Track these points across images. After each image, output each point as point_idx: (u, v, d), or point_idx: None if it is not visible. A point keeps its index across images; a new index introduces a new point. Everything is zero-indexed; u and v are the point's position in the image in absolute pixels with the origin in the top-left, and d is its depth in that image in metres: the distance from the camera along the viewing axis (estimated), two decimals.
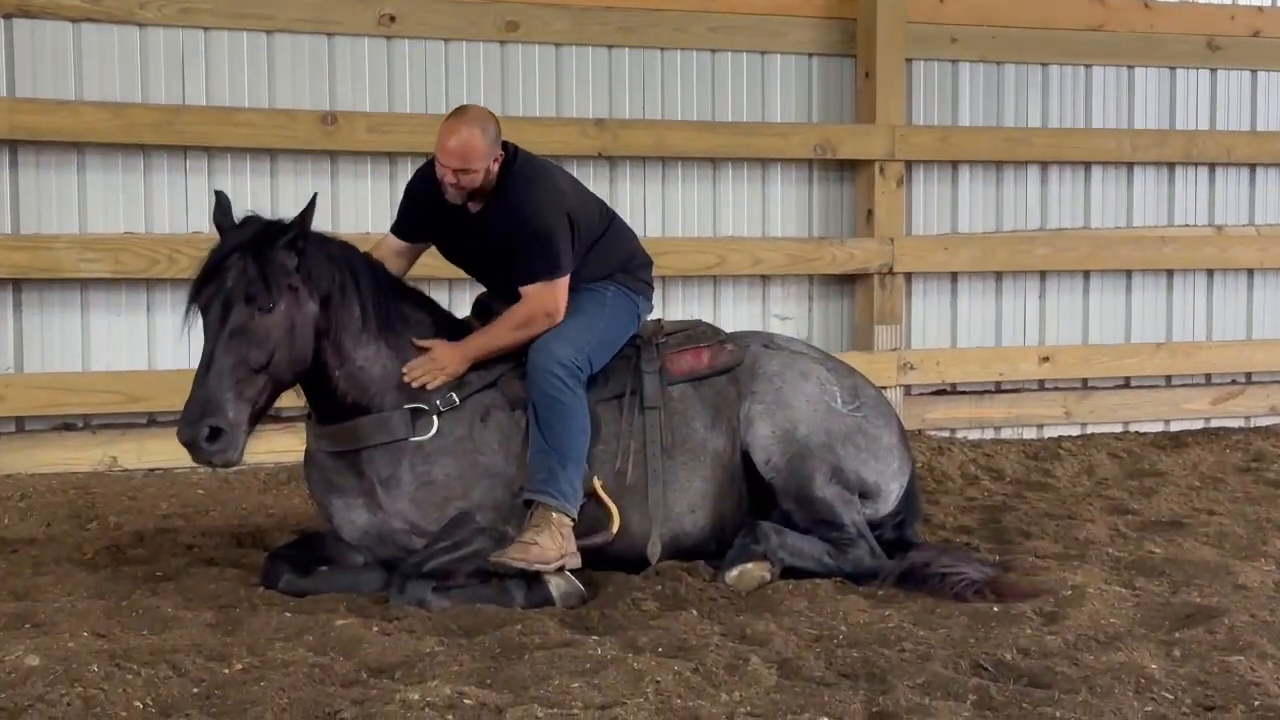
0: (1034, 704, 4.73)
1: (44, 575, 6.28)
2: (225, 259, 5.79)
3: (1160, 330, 10.49)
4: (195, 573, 6.31)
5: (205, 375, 5.68)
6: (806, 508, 6.39)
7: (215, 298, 5.76)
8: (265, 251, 5.80)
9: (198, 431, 5.62)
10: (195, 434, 5.62)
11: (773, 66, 9.53)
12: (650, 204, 9.25)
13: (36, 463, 7.84)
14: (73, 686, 4.65)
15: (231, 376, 5.70)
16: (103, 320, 8.09)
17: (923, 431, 9.54)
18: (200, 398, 5.66)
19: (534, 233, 6.17)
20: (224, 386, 5.68)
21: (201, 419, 5.63)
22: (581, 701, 4.65)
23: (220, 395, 5.67)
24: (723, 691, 4.85)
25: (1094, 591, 6.02)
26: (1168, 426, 10.37)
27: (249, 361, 5.73)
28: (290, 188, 8.29)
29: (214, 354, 5.70)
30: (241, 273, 5.75)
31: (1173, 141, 10.33)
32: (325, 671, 4.96)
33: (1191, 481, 8.76)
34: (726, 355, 6.58)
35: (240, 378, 5.72)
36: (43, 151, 7.94)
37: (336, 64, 8.53)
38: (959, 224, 9.97)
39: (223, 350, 5.70)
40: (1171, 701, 4.83)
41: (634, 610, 5.79)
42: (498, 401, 6.23)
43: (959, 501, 8.15)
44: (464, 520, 6.05)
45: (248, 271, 5.75)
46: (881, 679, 5.00)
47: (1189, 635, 5.50)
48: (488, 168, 6.12)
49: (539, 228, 6.17)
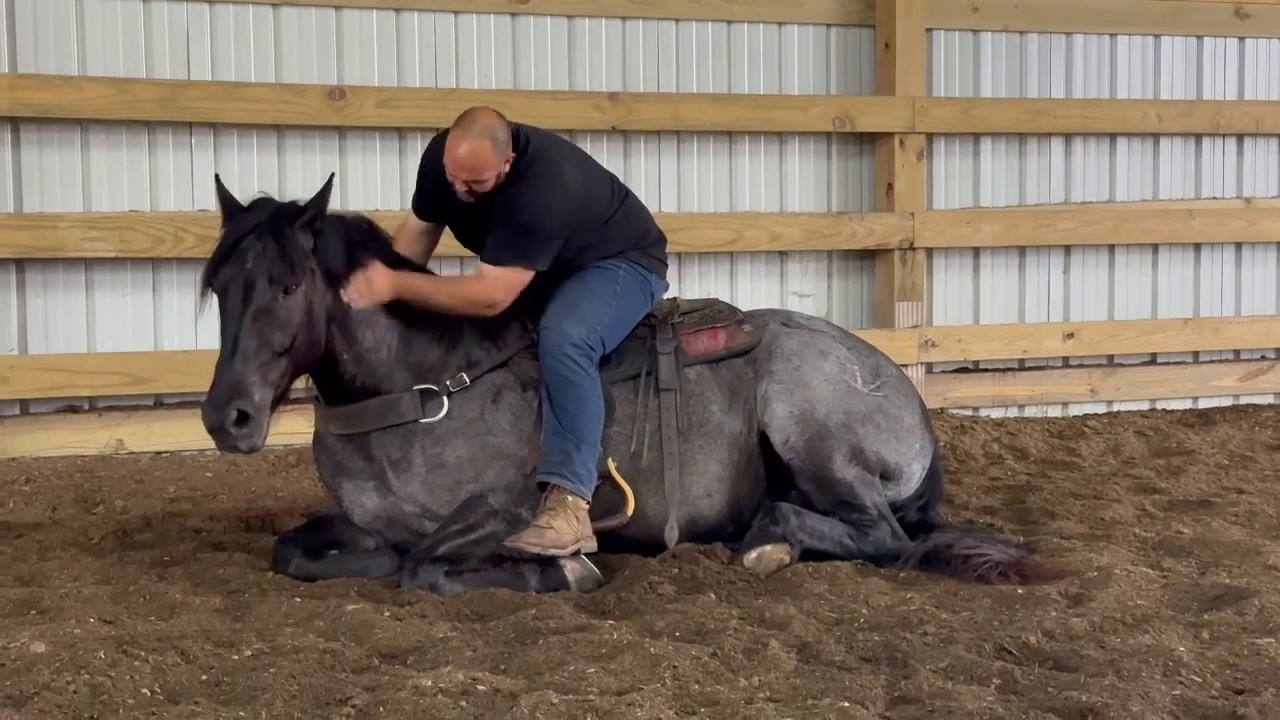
0: (1059, 688, 4.73)
1: (49, 560, 6.30)
2: (242, 239, 5.78)
3: (1187, 305, 10.47)
4: (203, 557, 6.33)
5: (230, 358, 5.65)
6: (826, 489, 6.40)
7: (235, 279, 5.73)
8: (285, 232, 5.79)
9: (225, 416, 5.59)
10: (223, 418, 5.59)
11: (790, 38, 9.51)
12: (665, 179, 9.23)
13: (41, 446, 7.85)
14: (79, 674, 4.66)
15: (256, 359, 5.68)
16: (108, 300, 8.10)
17: (945, 410, 9.53)
18: (227, 381, 5.63)
19: (522, 224, 6.16)
20: (250, 370, 5.66)
21: (229, 403, 5.60)
22: (597, 687, 4.65)
23: (247, 378, 5.65)
24: (741, 676, 4.85)
25: (1120, 573, 6.01)
26: (1195, 404, 10.36)
27: (273, 344, 5.72)
28: (298, 164, 8.30)
29: (238, 336, 5.67)
30: (262, 253, 5.74)
31: (1200, 112, 10.30)
32: (336, 658, 4.97)
33: (1220, 460, 8.75)
34: (744, 336, 6.58)
35: (265, 361, 5.70)
36: (45, 128, 7.95)
37: (344, 37, 8.53)
38: (981, 198, 9.95)
39: (247, 332, 5.68)
40: (1200, 685, 4.82)
41: (650, 594, 5.80)
42: (509, 382, 6.23)
43: (982, 481, 8.15)
44: (476, 503, 6.06)
45: (269, 252, 5.74)
46: (903, 663, 5.00)
47: (1218, 617, 5.49)
48: (499, 173, 6.11)
49: (528, 222, 6.16)
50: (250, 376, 5.65)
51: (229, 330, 5.72)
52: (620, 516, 6.19)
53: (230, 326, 5.72)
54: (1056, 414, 9.99)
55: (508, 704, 4.49)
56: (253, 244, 5.76)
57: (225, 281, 5.76)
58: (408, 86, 8.60)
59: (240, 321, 5.70)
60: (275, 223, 5.81)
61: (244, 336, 5.68)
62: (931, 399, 9.22)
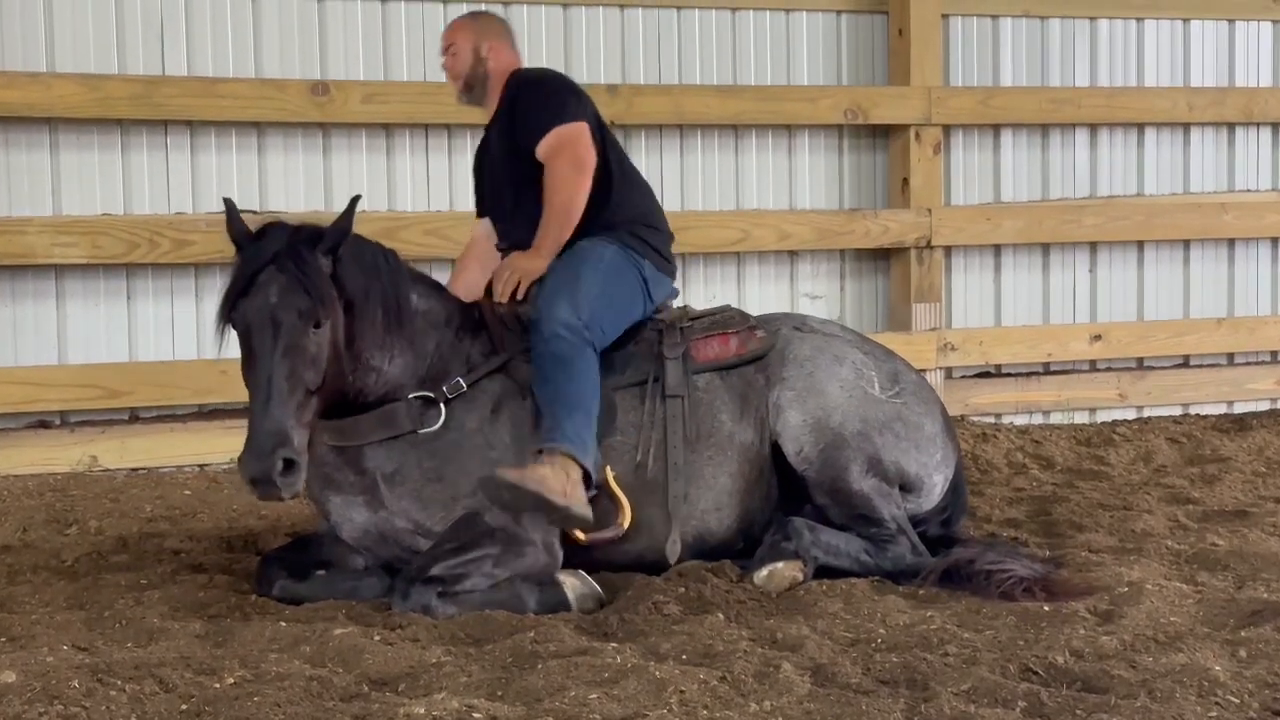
0: (1088, 710, 4.74)
1: (20, 584, 6.30)
2: (260, 270, 5.72)
3: (1221, 305, 10.49)
4: (183, 580, 6.33)
5: (266, 402, 5.60)
6: (842, 502, 6.40)
7: (260, 315, 5.68)
8: (309, 261, 5.74)
9: (272, 466, 5.52)
10: (270, 468, 5.53)
11: (798, 25, 9.54)
12: (668, 175, 9.25)
13: (11, 463, 7.87)
14: (52, 704, 4.67)
15: (292, 401, 5.63)
16: (79, 309, 8.12)
17: (965, 417, 9.54)
18: (269, 429, 5.57)
19: (535, 88, 6.60)
20: (287, 414, 5.61)
21: (274, 452, 5.53)
22: (600, 714, 4.66)
23: (286, 424, 5.60)
24: (752, 701, 4.85)
25: (1152, 588, 6.01)
26: (1230, 408, 10.37)
27: (306, 383, 5.68)
28: (279, 163, 8.32)
29: (271, 378, 5.62)
30: (286, 286, 5.69)
31: (1233, 100, 10.32)
32: (323, 685, 4.97)
33: (1257, 467, 8.76)
34: (756, 342, 6.58)
35: (300, 401, 5.65)
36: (12, 128, 7.97)
37: (327, 29, 8.55)
38: (1002, 193, 9.98)
39: (280, 373, 5.62)
40: (1238, 706, 4.82)
41: (656, 615, 5.80)
42: (509, 390, 6.23)
43: (1006, 492, 8.15)
44: (473, 521, 6.04)
45: (293, 284, 5.70)
46: (924, 685, 5.00)
47: (1256, 634, 5.49)
48: (475, 50, 6.62)
49: (539, 80, 6.69)
50: (288, 421, 5.61)
51: (260, 371, 5.64)
52: (615, 528, 6.19)
53: (262, 367, 5.64)
54: (1084, 420, 10.01)
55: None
56: (274, 276, 5.70)
57: (249, 317, 5.69)
58: (395, 80, 8.62)
59: (271, 361, 5.64)
60: (297, 251, 5.75)
61: (277, 378, 5.62)
62: (951, 405, 9.22)
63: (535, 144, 6.39)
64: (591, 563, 6.18)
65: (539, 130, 6.41)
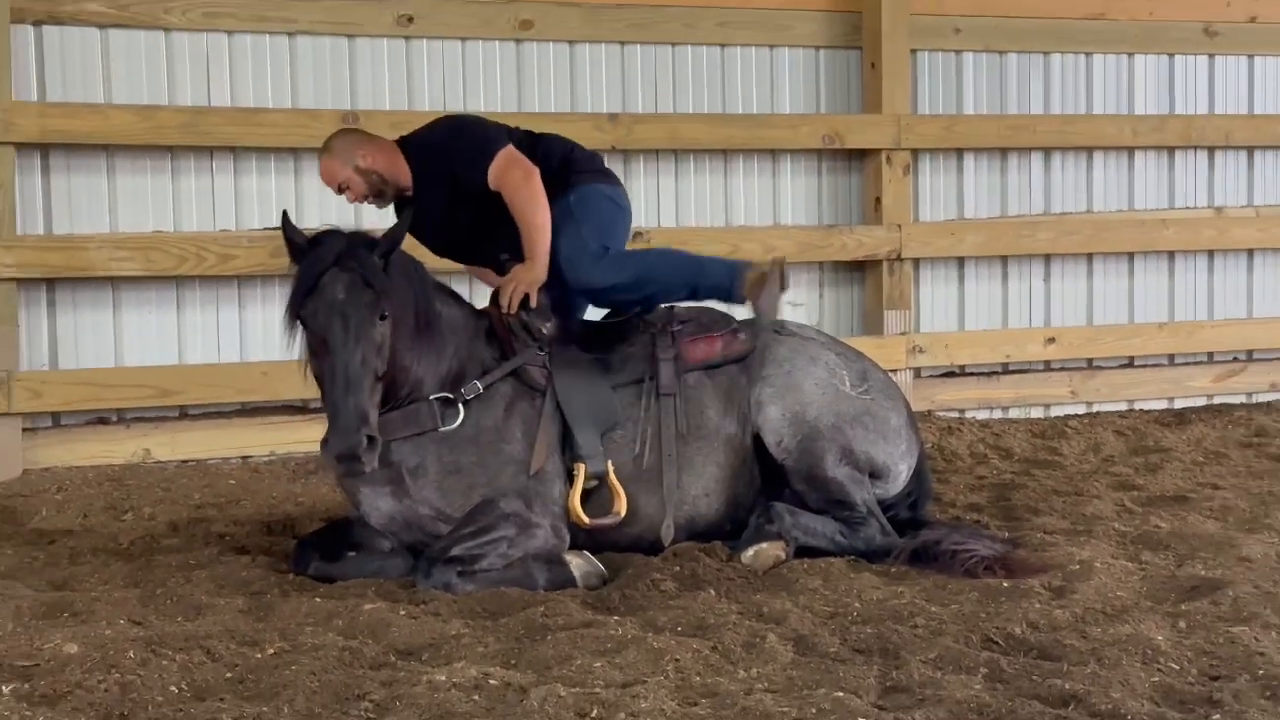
0: (1043, 676, 4.73)
1: (81, 565, 6.31)
2: (325, 271, 5.76)
3: (1163, 310, 10.47)
4: (227, 560, 6.33)
5: (346, 388, 5.65)
6: (818, 488, 6.40)
7: (332, 310, 5.72)
8: (369, 261, 5.79)
9: (358, 443, 5.59)
10: (356, 445, 5.59)
11: (781, 60, 9.52)
12: (664, 196, 9.24)
13: (73, 456, 7.86)
14: (110, 673, 4.67)
15: (366, 385, 5.69)
16: (134, 317, 8.11)
17: (932, 413, 9.53)
18: (353, 409, 5.63)
19: (454, 140, 6.55)
20: (364, 396, 5.68)
21: (359, 429, 5.60)
22: (603, 680, 4.66)
23: (366, 405, 5.67)
24: (740, 668, 4.85)
25: (1101, 566, 6.01)
26: (1171, 404, 10.35)
27: (375, 369, 5.74)
28: (314, 186, 8.28)
29: (348, 366, 5.67)
30: (351, 284, 5.74)
31: (1172, 126, 10.31)
32: (354, 654, 4.97)
33: (1195, 457, 8.75)
34: (739, 343, 6.58)
35: (370, 386, 5.72)
36: (73, 154, 7.96)
37: (357, 64, 8.54)
38: (965, 210, 9.96)
39: (355, 361, 5.68)
40: (1178, 672, 4.82)
41: (653, 591, 5.80)
42: (520, 391, 6.24)
43: (969, 480, 8.15)
44: (488, 507, 6.05)
45: (358, 281, 5.75)
46: (895, 654, 5.00)
47: (1194, 607, 5.49)
48: (357, 170, 6.51)
49: (451, 134, 6.61)
50: (366, 403, 5.68)
51: (337, 360, 5.69)
52: (614, 516, 6.19)
53: (337, 356, 5.69)
54: (1039, 415, 9.99)
55: (518, 697, 4.50)
56: (339, 275, 5.75)
57: (319, 313, 5.74)
58: (418, 110, 8.59)
59: (346, 350, 5.69)
60: (357, 253, 5.80)
61: (352, 365, 5.68)
62: (919, 402, 9.22)
63: (483, 178, 6.40)
64: (595, 544, 6.19)
65: (481, 167, 6.42)
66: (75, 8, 7.94)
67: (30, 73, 7.88)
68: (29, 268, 7.74)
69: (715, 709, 4.42)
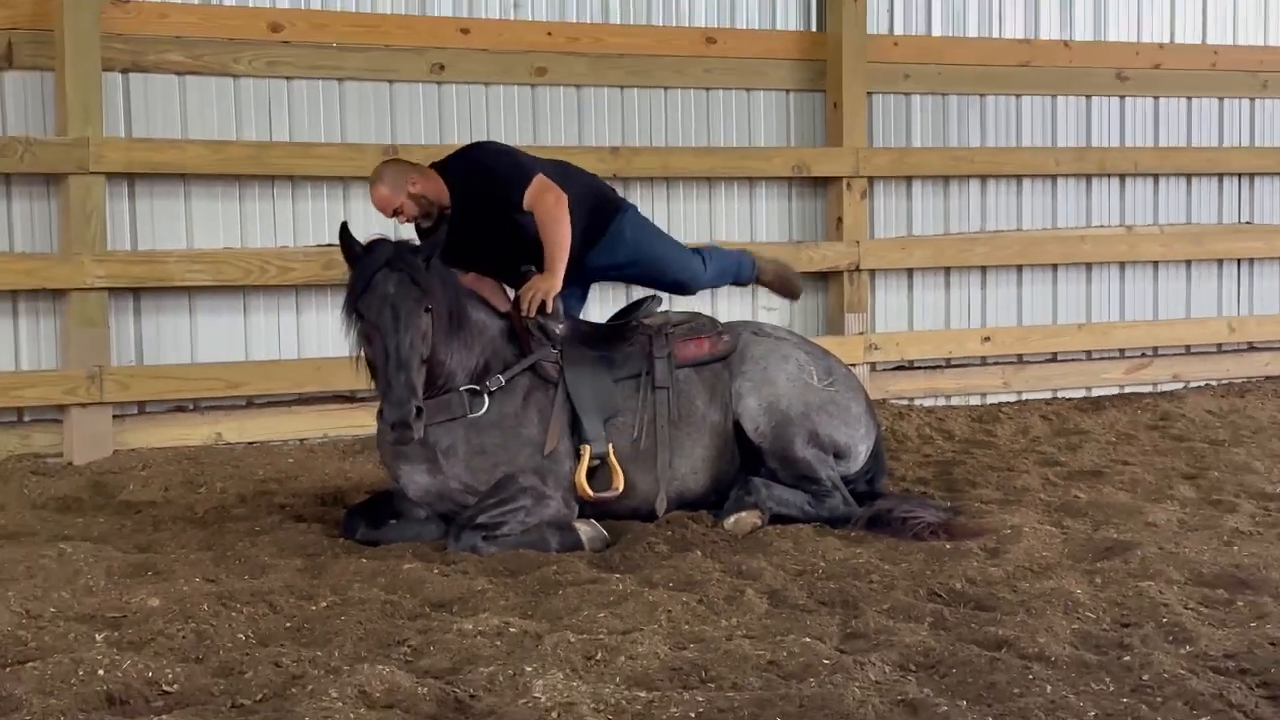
0: (980, 624, 4.74)
1: (162, 531, 6.31)
2: (378, 272, 5.79)
3: (1082, 313, 10.45)
4: (287, 527, 6.33)
5: (398, 367, 5.68)
6: (789, 466, 6.40)
7: (385, 303, 5.74)
8: (416, 263, 5.82)
9: (409, 412, 5.62)
10: (408, 414, 5.62)
11: (757, 101, 9.50)
12: (657, 217, 9.07)
13: (156, 439, 7.85)
14: (187, 623, 4.68)
15: (414, 365, 5.72)
16: (207, 321, 8.09)
17: (886, 401, 9.52)
18: (404, 384, 5.66)
19: (495, 166, 6.49)
20: (413, 374, 5.71)
21: (410, 401, 5.64)
22: (606, 628, 4.67)
23: (415, 381, 5.71)
24: (723, 618, 4.86)
25: (1029, 530, 6.02)
26: (1089, 393, 10.35)
27: (421, 353, 5.77)
28: (360, 210, 8.22)
29: (399, 348, 5.70)
30: (401, 281, 5.77)
31: (1090, 157, 10.30)
32: (395, 607, 4.98)
33: (1109, 438, 8.76)
34: (722, 344, 6.57)
35: (416, 368, 5.75)
36: (155, 182, 7.94)
37: (396, 105, 8.52)
38: (913, 228, 9.95)
39: (405, 345, 5.71)
40: (1094, 620, 4.84)
41: (649, 552, 5.81)
42: (537, 383, 6.24)
43: (917, 458, 8.15)
44: (509, 481, 6.05)
45: (406, 279, 5.78)
46: (854, 605, 5.01)
47: (1108, 565, 5.50)
48: (410, 196, 6.41)
49: (493, 159, 6.56)
50: (415, 380, 5.71)
51: (390, 345, 5.71)
52: (613, 490, 6.19)
53: (390, 342, 5.72)
54: (976, 403, 9.98)
55: (534, 642, 4.51)
56: (389, 275, 5.78)
57: (374, 306, 5.76)
58: (449, 144, 8.55)
59: (397, 337, 5.71)
60: (406, 257, 5.84)
61: (403, 348, 5.71)
62: (875, 392, 9.20)
63: (520, 199, 6.36)
64: (599, 514, 6.19)
65: (518, 190, 6.37)
66: (157, 58, 7.91)
67: (119, 113, 7.86)
68: (118, 279, 7.72)
69: (701, 652, 4.43)
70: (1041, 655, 4.39)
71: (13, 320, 7.65)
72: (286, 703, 3.93)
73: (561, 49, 8.86)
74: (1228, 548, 5.82)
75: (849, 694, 3.97)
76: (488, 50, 8.67)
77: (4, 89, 7.61)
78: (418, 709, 3.95)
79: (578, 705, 3.92)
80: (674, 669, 4.28)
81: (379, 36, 8.42)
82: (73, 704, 3.93)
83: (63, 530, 6.23)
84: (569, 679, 4.12)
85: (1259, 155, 10.83)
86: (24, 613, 4.80)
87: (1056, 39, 10.30)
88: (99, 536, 6.15)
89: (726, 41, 9.32)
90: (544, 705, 3.92)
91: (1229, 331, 10.73)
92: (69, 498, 6.89)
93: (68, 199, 7.58)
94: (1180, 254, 10.62)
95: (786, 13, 9.58)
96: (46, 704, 3.90)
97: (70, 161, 7.53)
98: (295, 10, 8.24)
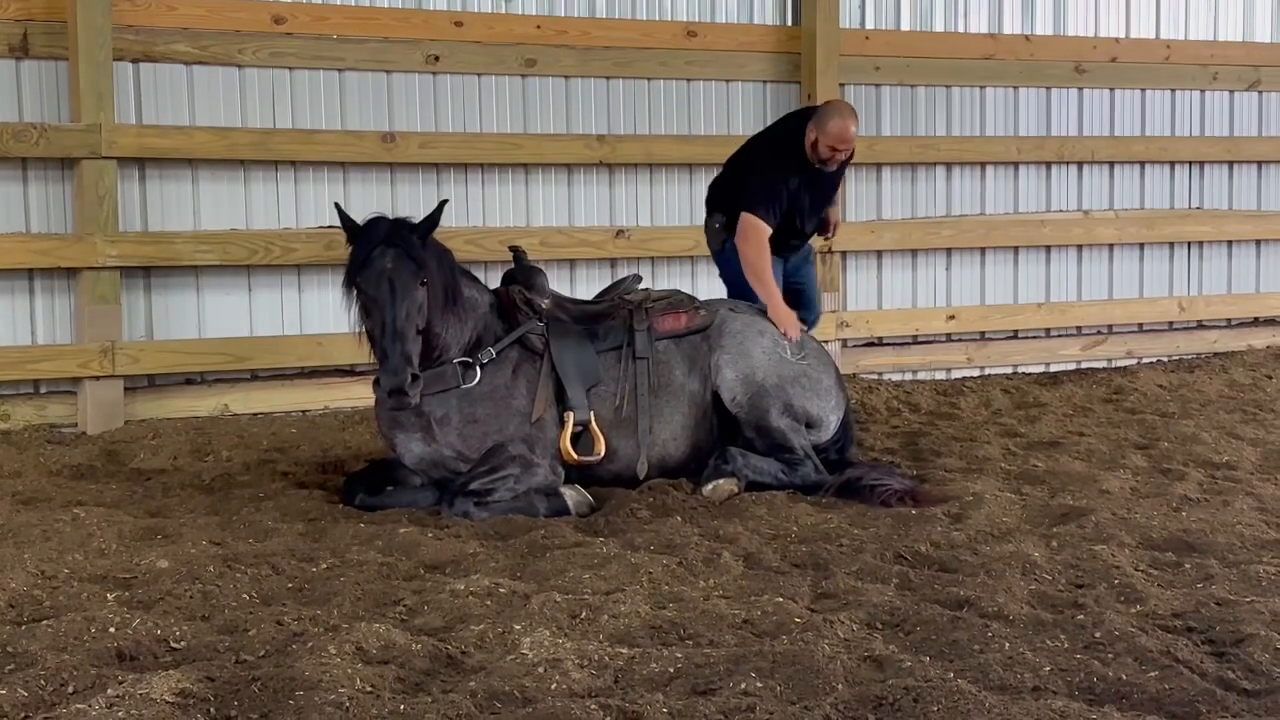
0: (943, 585, 4.75)
1: (171, 497, 6.29)
2: (375, 247, 5.76)
3: (1041, 293, 10.46)
4: (290, 493, 6.32)
5: (395, 337, 5.66)
6: (764, 435, 6.40)
7: (383, 277, 5.72)
8: (412, 239, 5.80)
9: (404, 379, 5.60)
10: (404, 381, 5.60)
11: (736, 92, 9.48)
12: (641, 202, 9.20)
13: (166, 410, 7.83)
14: (194, 583, 4.67)
15: (410, 335, 5.70)
16: (214, 298, 8.06)
17: (856, 375, 9.53)
18: (400, 352, 5.64)
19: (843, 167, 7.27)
20: (409, 344, 5.69)
21: (405, 369, 5.62)
22: (591, 589, 4.67)
23: (411, 351, 5.69)
24: (701, 579, 4.86)
25: (990, 497, 6.03)
26: (1048, 368, 10.37)
27: (417, 324, 5.76)
28: (358, 193, 8.25)
29: (395, 320, 5.68)
30: (398, 256, 5.74)
31: (1049, 146, 10.30)
32: (391, 569, 4.98)
33: (1066, 411, 8.78)
34: (701, 318, 6.57)
35: (412, 338, 5.73)
36: (164, 167, 7.90)
37: (394, 95, 8.48)
38: (883, 213, 9.94)
39: (401, 316, 5.69)
40: (1050, 581, 4.85)
41: (631, 517, 5.81)
42: (524, 356, 6.22)
43: (885, 429, 8.16)
44: (500, 450, 6.05)
45: (403, 254, 5.75)
46: (824, 567, 5.02)
47: (1064, 530, 5.52)
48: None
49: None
50: (411, 349, 5.69)
51: (386, 316, 5.69)
52: (595, 455, 6.18)
53: (387, 314, 5.69)
54: (941, 377, 9.99)
55: (522, 602, 4.51)
56: (387, 250, 5.75)
57: (372, 280, 5.73)
58: (444, 132, 8.56)
59: (394, 309, 5.69)
60: (401, 234, 5.81)
61: (399, 318, 5.69)
62: (846, 367, 9.21)
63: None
64: (584, 479, 6.19)
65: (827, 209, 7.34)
66: (166, 48, 7.87)
67: (130, 100, 7.81)
68: (129, 258, 7.69)
69: (680, 611, 4.43)
70: (1000, 614, 4.40)
71: (29, 297, 7.63)
72: (288, 658, 3.93)
73: (550, 41, 8.82)
74: (1176, 514, 5.84)
75: (819, 650, 3.98)
76: (480, 42, 8.62)
77: (21, 77, 7.57)
78: (412, 664, 3.95)
79: (563, 661, 3.92)
80: (654, 627, 4.28)
81: (377, 29, 8.38)
82: (85, 659, 3.92)
83: (77, 496, 6.21)
84: (555, 636, 4.13)
85: (1208, 144, 10.84)
86: (39, 573, 4.79)
87: (1018, 34, 10.28)
88: (111, 502, 6.14)
89: (707, 35, 9.29)
90: (531, 661, 3.93)
91: (1179, 310, 10.75)
92: (83, 465, 6.86)
93: (81, 182, 7.54)
94: (1134, 237, 10.63)
95: (764, 7, 9.56)
96: (60, 659, 3.89)
97: (84, 147, 7.49)
98: (297, 4, 8.20)
